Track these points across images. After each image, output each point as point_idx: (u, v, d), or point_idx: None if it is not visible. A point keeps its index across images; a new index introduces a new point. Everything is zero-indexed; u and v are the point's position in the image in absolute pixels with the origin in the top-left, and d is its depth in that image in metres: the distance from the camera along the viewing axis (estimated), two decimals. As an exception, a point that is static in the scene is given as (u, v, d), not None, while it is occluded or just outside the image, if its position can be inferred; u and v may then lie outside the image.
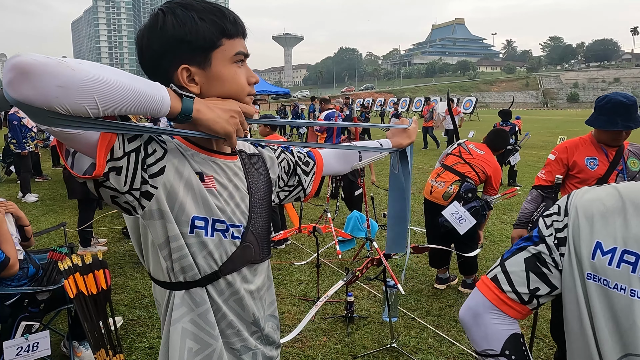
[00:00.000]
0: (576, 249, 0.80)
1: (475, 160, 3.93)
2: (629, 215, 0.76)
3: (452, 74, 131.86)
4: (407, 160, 1.48)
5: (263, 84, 28.23)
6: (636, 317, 0.72)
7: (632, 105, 2.55)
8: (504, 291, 0.91)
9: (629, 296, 0.73)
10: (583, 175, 2.64)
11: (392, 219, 1.50)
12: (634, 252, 0.73)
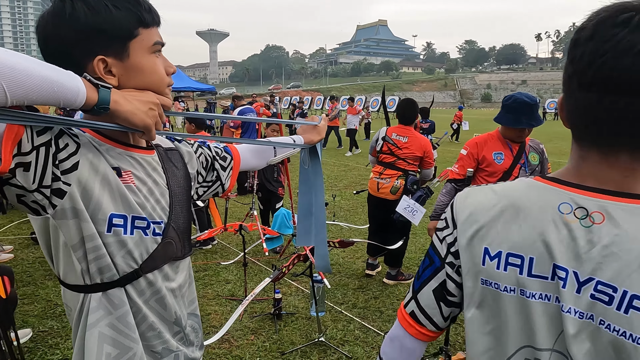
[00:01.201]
0: (468, 257, 0.84)
1: (405, 151, 4.15)
2: (508, 218, 0.79)
3: (376, 74, 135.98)
4: (317, 156, 1.52)
5: (187, 81, 27.34)
6: (528, 314, 0.76)
7: (534, 105, 2.79)
8: (423, 325, 0.95)
9: (518, 295, 0.77)
10: (491, 168, 2.85)
11: (301, 212, 1.54)
12: (518, 254, 0.77)
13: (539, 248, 0.75)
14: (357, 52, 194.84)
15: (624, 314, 0.67)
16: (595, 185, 0.74)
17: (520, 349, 0.78)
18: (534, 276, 0.75)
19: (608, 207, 0.71)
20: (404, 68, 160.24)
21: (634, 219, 0.69)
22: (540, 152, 2.94)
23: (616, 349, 0.68)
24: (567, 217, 0.73)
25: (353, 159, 13.26)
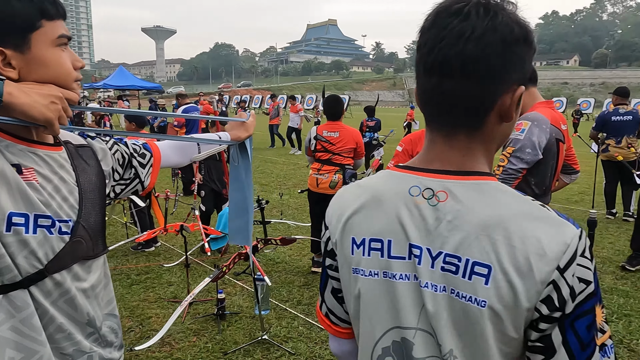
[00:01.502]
0: (340, 251, 0.88)
1: (338, 146, 4.26)
2: (369, 207, 0.84)
3: (327, 73, 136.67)
4: (247, 153, 1.52)
5: (132, 79, 26.42)
6: (393, 295, 0.81)
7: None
8: (337, 324, 0.98)
9: (382, 278, 0.82)
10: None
11: (233, 210, 1.54)
12: (378, 239, 0.82)
13: (396, 231, 0.80)
14: (307, 51, 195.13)
15: (468, 280, 0.73)
16: (440, 167, 0.80)
17: (388, 331, 0.82)
18: (393, 257, 0.80)
19: (450, 186, 0.77)
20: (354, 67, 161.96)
21: (470, 193, 0.76)
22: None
23: (466, 315, 0.74)
24: (416, 199, 0.79)
25: (302, 157, 13.29)
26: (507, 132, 0.83)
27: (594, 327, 0.72)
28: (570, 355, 0.71)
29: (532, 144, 2.21)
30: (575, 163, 2.61)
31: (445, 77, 0.75)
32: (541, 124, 2.24)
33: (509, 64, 0.74)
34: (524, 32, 0.75)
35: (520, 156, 2.21)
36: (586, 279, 0.71)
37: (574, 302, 0.70)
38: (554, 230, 0.71)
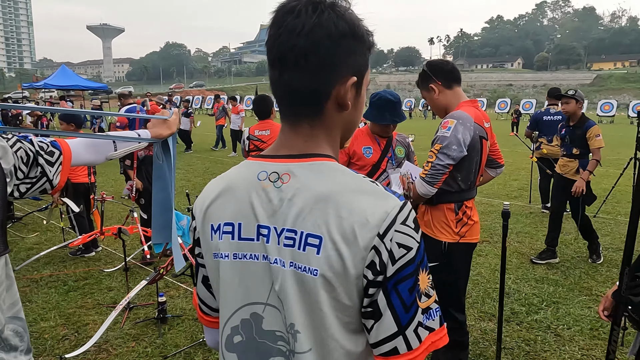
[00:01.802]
0: (204, 238, 0.93)
1: (269, 144, 4.21)
2: (225, 194, 0.89)
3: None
4: (170, 151, 1.51)
5: (75, 78, 25.31)
6: (243, 274, 0.86)
7: (397, 102, 3.00)
8: (209, 314, 1.01)
9: (232, 260, 0.87)
10: (361, 162, 3.01)
11: (156, 208, 1.52)
12: (230, 222, 0.87)
13: (246, 214, 0.85)
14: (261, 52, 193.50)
15: (302, 251, 0.79)
16: (286, 153, 0.86)
17: (238, 310, 0.87)
18: (243, 239, 0.85)
19: (292, 168, 0.83)
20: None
21: (306, 172, 0.82)
22: (406, 145, 3.17)
23: (304, 286, 0.79)
24: (264, 183, 0.84)
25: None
26: (351, 119, 0.89)
27: (416, 290, 0.79)
28: (395, 317, 0.77)
29: (458, 141, 2.31)
30: (500, 157, 2.76)
31: (284, 71, 0.82)
32: (465, 122, 2.35)
33: (337, 56, 0.81)
34: (350, 28, 0.81)
35: (447, 153, 2.31)
36: (406, 245, 0.77)
37: (394, 266, 0.76)
38: (378, 202, 0.78)
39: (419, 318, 0.79)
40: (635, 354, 1.83)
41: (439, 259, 2.48)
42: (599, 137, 4.82)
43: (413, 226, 0.79)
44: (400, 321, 0.77)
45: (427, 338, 0.79)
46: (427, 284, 0.81)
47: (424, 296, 0.80)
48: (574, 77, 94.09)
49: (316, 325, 0.80)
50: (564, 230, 6.16)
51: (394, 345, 0.78)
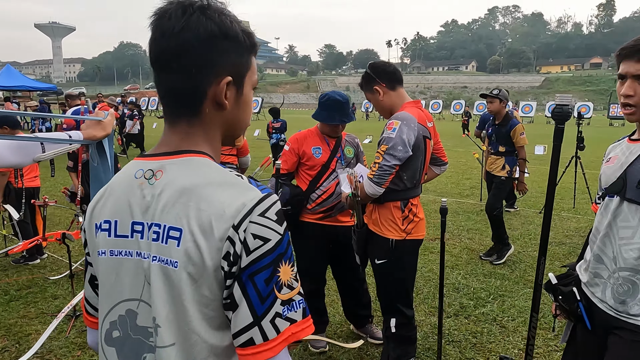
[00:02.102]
0: (90, 238, 0.94)
1: None
2: (108, 194, 0.91)
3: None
4: (106, 152, 1.48)
5: (21, 79, 24.16)
6: (119, 271, 0.87)
7: (346, 102, 3.04)
8: (92, 315, 1.00)
9: (109, 257, 0.88)
10: (311, 162, 3.04)
11: None
12: (108, 220, 0.89)
13: (123, 211, 0.87)
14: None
15: (165, 244, 0.81)
16: (162, 151, 0.89)
17: (116, 305, 0.88)
18: (119, 236, 0.87)
19: (165, 165, 0.86)
20: (268, 70, 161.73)
21: (175, 167, 0.85)
22: (355, 145, 3.22)
23: (168, 279, 0.81)
24: (140, 181, 0.87)
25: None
26: (234, 117, 0.92)
27: (274, 281, 0.79)
28: (251, 307, 0.78)
29: (403, 141, 2.37)
30: (444, 155, 2.85)
31: (160, 72, 0.86)
32: (409, 123, 2.42)
33: (208, 57, 0.84)
34: (221, 29, 0.84)
35: (392, 153, 2.37)
36: (263, 237, 0.79)
37: (249, 257, 0.78)
38: (237, 194, 0.80)
39: (277, 309, 0.79)
40: (567, 341, 1.93)
41: (387, 256, 2.54)
42: (522, 135, 5.06)
43: (275, 218, 0.80)
44: (256, 312, 0.77)
45: (287, 329, 0.80)
46: (290, 276, 0.81)
47: (285, 288, 0.80)
48: (524, 79, 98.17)
49: (179, 319, 0.81)
50: (512, 226, 6.42)
51: (250, 336, 0.78)
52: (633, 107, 1.55)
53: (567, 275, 1.87)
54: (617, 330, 1.63)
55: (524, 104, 38.79)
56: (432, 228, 5.97)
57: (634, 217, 1.58)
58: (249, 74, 0.91)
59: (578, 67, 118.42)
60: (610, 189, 1.65)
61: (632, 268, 1.59)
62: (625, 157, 1.64)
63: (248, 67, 0.90)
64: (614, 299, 1.64)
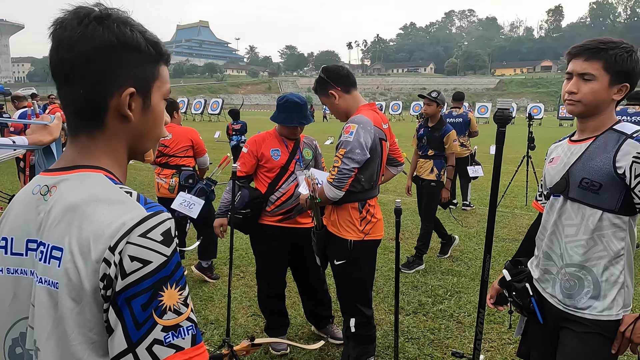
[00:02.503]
0: None
1: (173, 147, 4.19)
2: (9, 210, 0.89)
3: (200, 76, 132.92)
4: (54, 157, 1.43)
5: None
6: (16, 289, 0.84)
7: (304, 104, 3.05)
8: None
9: (6, 274, 0.85)
10: (269, 164, 3.03)
11: None
12: (5, 237, 0.86)
13: (19, 228, 0.85)
14: (178, 53, 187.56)
15: (47, 264, 0.78)
16: (60, 166, 0.87)
17: (16, 323, 0.85)
18: (14, 254, 0.85)
19: (60, 180, 0.84)
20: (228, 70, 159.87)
21: (68, 182, 0.83)
22: (314, 148, 3.24)
23: (51, 301, 0.78)
24: (36, 197, 0.85)
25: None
26: (141, 129, 0.88)
27: (153, 306, 0.74)
28: (125, 333, 0.73)
29: (360, 145, 2.41)
30: (400, 156, 2.92)
31: (60, 85, 0.84)
32: (366, 126, 2.45)
33: (106, 68, 0.81)
34: (119, 39, 0.81)
35: (351, 157, 2.40)
36: (143, 259, 0.74)
37: (125, 280, 0.73)
38: (119, 213, 0.77)
39: (156, 335, 0.74)
40: (521, 335, 2.02)
41: (346, 257, 2.57)
42: (455, 142, 5.12)
43: (160, 239, 0.76)
44: (130, 338, 0.73)
45: (171, 357, 0.74)
46: (176, 300, 0.76)
47: (170, 312, 0.75)
48: (480, 81, 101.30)
49: (61, 343, 0.77)
50: (468, 224, 6.62)
51: None
52: (577, 102, 1.64)
53: (520, 271, 1.95)
54: (568, 323, 1.72)
55: (479, 105, 40.11)
56: (392, 228, 6.07)
57: (577, 215, 1.67)
58: (156, 84, 0.87)
59: (530, 70, 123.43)
60: (555, 188, 1.74)
61: (578, 264, 1.68)
62: (567, 158, 1.72)
63: (155, 77, 0.87)
64: (563, 293, 1.72)
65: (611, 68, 1.58)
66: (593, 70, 1.59)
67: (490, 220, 1.87)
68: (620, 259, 1.64)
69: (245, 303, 3.96)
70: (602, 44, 1.59)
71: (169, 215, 0.80)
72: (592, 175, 1.61)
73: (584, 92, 1.61)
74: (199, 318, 3.67)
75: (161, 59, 0.87)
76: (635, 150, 1.54)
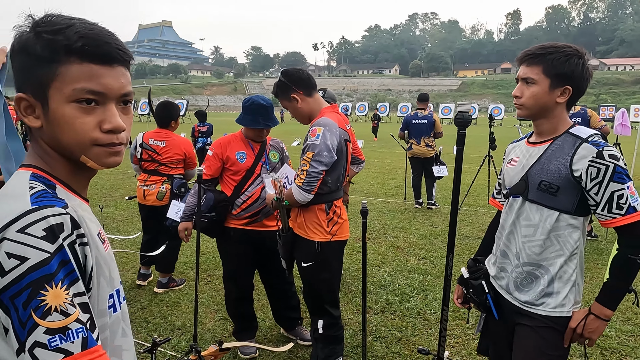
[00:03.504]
0: None
1: (165, 156, 4.09)
2: None
3: (164, 76, 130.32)
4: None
5: None
6: None
7: (270, 107, 3.04)
8: None
9: None
10: (235, 167, 3.01)
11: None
12: None
13: None
14: (140, 53, 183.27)
15: None
16: None
17: None
18: None
19: None
20: (192, 71, 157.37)
21: None
22: (281, 150, 3.23)
23: None
24: None
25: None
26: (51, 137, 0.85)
27: (32, 305, 0.70)
28: (15, 333, 0.70)
29: (328, 147, 2.42)
30: (361, 154, 2.99)
31: None
32: (332, 128, 2.47)
33: (14, 73, 0.85)
34: (18, 43, 0.82)
35: (319, 159, 2.41)
36: (20, 255, 0.71)
37: (5, 278, 0.70)
38: (5, 207, 0.76)
39: (37, 338, 0.69)
40: (481, 331, 2.08)
41: (314, 259, 2.58)
42: None
43: (41, 235, 0.73)
44: (19, 338, 0.70)
45: None
46: (63, 301, 0.71)
47: (56, 314, 0.70)
48: (443, 83, 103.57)
49: None
50: (433, 223, 6.76)
51: None
52: (521, 106, 1.72)
53: (478, 269, 2.01)
54: (523, 319, 1.78)
55: (443, 106, 41.05)
56: (360, 228, 6.13)
57: (535, 216, 1.73)
58: (54, 85, 0.81)
59: (491, 72, 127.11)
60: (514, 189, 1.80)
61: (534, 263, 1.75)
62: (526, 160, 1.78)
63: (51, 79, 0.80)
64: (518, 290, 1.79)
65: (550, 72, 1.65)
66: (533, 74, 1.67)
67: (453, 219, 1.92)
68: (574, 257, 1.72)
69: (213, 307, 3.91)
70: (542, 49, 1.67)
71: (58, 210, 0.76)
72: (550, 178, 1.67)
73: (527, 95, 1.69)
74: (165, 324, 3.60)
75: (58, 56, 0.80)
76: (590, 154, 1.60)
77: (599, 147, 1.60)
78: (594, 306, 1.67)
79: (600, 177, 1.59)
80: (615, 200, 1.59)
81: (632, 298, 4.20)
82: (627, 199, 1.59)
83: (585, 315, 1.68)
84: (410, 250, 5.50)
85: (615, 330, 3.55)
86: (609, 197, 1.60)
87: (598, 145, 1.61)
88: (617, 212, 1.60)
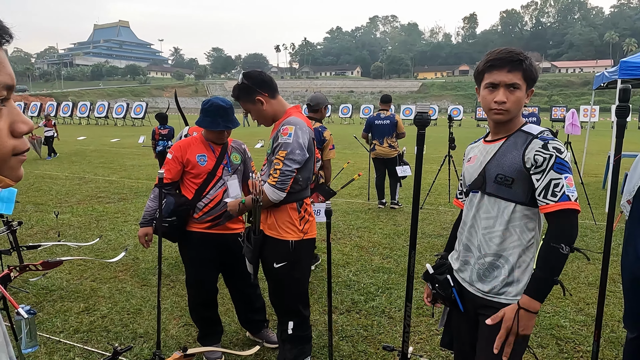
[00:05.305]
0: None
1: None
2: None
3: (121, 78, 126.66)
4: None
5: None
6: None
7: (230, 108, 3.01)
8: None
9: None
10: (196, 170, 2.96)
11: None
12: None
13: None
14: (96, 54, 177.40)
15: None
16: None
17: None
18: None
19: None
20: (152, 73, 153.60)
21: None
22: (243, 151, 3.20)
23: None
24: None
25: (90, 170, 12.03)
26: None
27: None
28: None
29: (300, 145, 2.42)
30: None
31: None
32: (302, 126, 2.48)
33: None
34: None
35: (292, 158, 2.40)
36: None
37: None
38: None
39: None
40: (445, 325, 2.12)
41: (287, 258, 2.54)
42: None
43: None
44: None
45: None
46: None
47: None
48: (404, 85, 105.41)
49: None
50: (396, 222, 6.87)
51: None
52: (506, 111, 1.76)
53: (442, 264, 2.06)
54: (486, 310, 1.84)
55: (404, 107, 41.80)
56: (324, 229, 6.15)
57: (493, 208, 1.81)
58: None
59: (449, 74, 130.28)
60: (473, 185, 1.87)
61: (495, 253, 1.81)
62: (483, 157, 1.87)
63: None
64: (480, 281, 1.85)
65: (528, 77, 1.75)
66: (517, 79, 1.74)
67: (414, 218, 1.95)
68: (531, 246, 1.80)
69: (177, 313, 3.83)
70: (519, 55, 1.75)
71: None
72: (505, 171, 1.76)
73: (512, 100, 1.75)
74: (126, 332, 3.50)
75: None
76: (538, 146, 1.72)
77: (545, 140, 1.71)
78: (523, 299, 1.70)
79: (544, 166, 1.69)
80: (551, 187, 1.68)
81: (584, 289, 4.41)
82: (562, 187, 1.67)
83: (516, 312, 1.71)
84: (374, 249, 5.56)
85: (569, 321, 3.71)
86: (546, 184, 1.69)
87: (545, 139, 1.72)
88: (551, 198, 1.68)
